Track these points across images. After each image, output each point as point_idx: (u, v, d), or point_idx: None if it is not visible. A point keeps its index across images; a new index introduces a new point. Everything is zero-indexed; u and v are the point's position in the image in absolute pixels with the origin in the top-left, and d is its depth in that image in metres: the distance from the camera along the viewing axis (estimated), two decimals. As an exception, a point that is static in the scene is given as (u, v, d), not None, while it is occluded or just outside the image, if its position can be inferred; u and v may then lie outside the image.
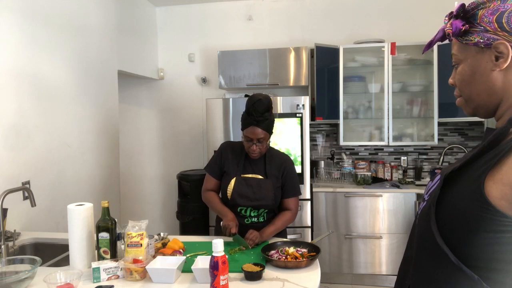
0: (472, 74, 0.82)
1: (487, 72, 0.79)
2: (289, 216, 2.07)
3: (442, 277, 0.76)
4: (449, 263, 0.73)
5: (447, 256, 0.73)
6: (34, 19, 2.38)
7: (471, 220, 0.71)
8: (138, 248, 1.57)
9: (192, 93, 4.27)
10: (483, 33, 0.78)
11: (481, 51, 0.79)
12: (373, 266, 3.43)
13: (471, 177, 0.73)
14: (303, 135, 3.34)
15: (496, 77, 0.78)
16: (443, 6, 3.79)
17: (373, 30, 3.90)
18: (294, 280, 1.49)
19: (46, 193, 2.45)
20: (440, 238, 0.75)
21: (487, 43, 0.77)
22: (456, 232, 0.74)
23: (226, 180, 2.05)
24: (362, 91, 3.82)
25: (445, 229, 0.76)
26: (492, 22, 0.76)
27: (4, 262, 1.53)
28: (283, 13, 4.06)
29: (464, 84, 0.85)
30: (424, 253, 0.81)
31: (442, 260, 0.75)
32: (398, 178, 3.81)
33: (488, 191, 0.69)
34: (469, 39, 0.80)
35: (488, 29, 0.77)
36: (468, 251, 0.72)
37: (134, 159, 4.41)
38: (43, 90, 2.46)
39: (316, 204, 3.47)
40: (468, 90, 0.84)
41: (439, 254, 0.75)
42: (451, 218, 0.75)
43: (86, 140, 2.95)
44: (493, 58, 0.77)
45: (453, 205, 0.75)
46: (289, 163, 2.12)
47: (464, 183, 0.75)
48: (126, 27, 3.59)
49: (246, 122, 1.96)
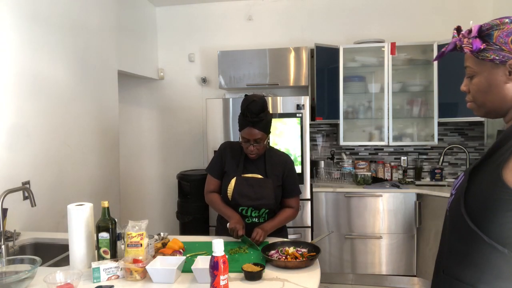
0: (489, 86, 0.98)
1: (501, 84, 0.96)
2: (291, 212, 2.08)
3: (477, 256, 0.90)
4: (482, 243, 0.88)
5: (480, 236, 0.88)
6: (34, 19, 2.38)
7: (494, 203, 0.86)
8: (138, 248, 1.57)
9: (192, 93, 4.27)
10: (499, 52, 0.93)
11: (496, 66, 0.95)
12: (373, 266, 3.43)
13: (490, 169, 0.90)
14: (303, 135, 3.34)
15: (509, 88, 0.95)
16: (443, 6, 3.80)
17: (373, 30, 3.90)
18: (294, 280, 1.49)
19: (46, 193, 2.45)
20: (471, 222, 0.90)
21: (502, 60, 0.93)
22: (483, 216, 0.88)
23: (226, 180, 2.05)
24: (362, 91, 3.82)
25: (474, 215, 0.91)
26: (508, 43, 0.92)
27: (4, 262, 1.53)
28: (283, 13, 4.06)
29: (480, 94, 1.01)
30: (458, 238, 0.96)
31: (476, 241, 0.90)
32: (398, 178, 3.81)
33: (505, 178, 0.85)
34: (485, 55, 0.95)
35: (504, 48, 0.92)
36: (494, 230, 0.87)
37: (134, 159, 4.41)
38: (43, 90, 2.46)
39: (316, 204, 3.47)
40: (483, 98, 1.00)
41: (473, 236, 0.90)
42: (478, 204, 0.90)
43: (86, 140, 2.95)
44: (507, 73, 0.94)
45: (478, 193, 0.91)
46: (290, 162, 2.12)
47: (485, 175, 0.91)
48: (126, 27, 3.59)
49: (242, 123, 1.95)
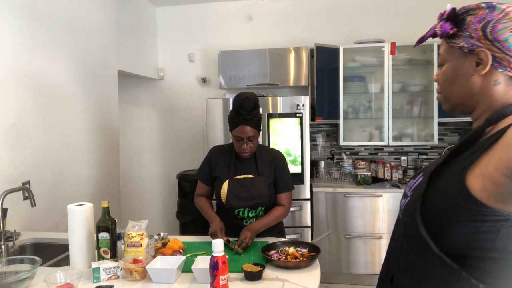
0: (454, 76, 0.88)
1: (467, 76, 0.85)
2: (282, 211, 2.04)
3: (425, 266, 0.80)
4: (431, 253, 0.78)
5: (429, 246, 0.78)
6: (34, 19, 2.38)
7: (454, 211, 0.76)
8: (138, 248, 1.57)
9: (192, 93, 4.27)
10: (468, 39, 0.83)
11: (465, 55, 0.84)
12: (373, 266, 3.43)
13: (453, 172, 0.79)
14: (303, 135, 3.34)
15: (474, 81, 0.84)
16: (443, 6, 3.79)
17: (373, 30, 3.90)
18: (294, 280, 1.49)
19: (46, 193, 2.45)
20: (424, 230, 0.80)
21: (471, 48, 0.83)
22: (440, 224, 0.78)
23: (219, 185, 2.03)
24: (362, 91, 3.82)
25: (429, 222, 0.80)
26: (477, 29, 0.81)
27: (4, 262, 1.53)
28: (283, 13, 4.06)
29: (445, 84, 0.91)
30: (409, 245, 0.86)
31: (425, 251, 0.79)
32: (398, 178, 3.81)
33: (469, 184, 0.74)
34: (456, 42, 0.86)
35: (473, 35, 0.82)
36: (451, 240, 0.77)
37: (134, 159, 4.41)
38: (43, 90, 2.46)
39: (316, 204, 3.47)
40: (448, 89, 0.90)
41: (423, 245, 0.80)
42: (436, 210, 0.80)
43: (86, 140, 2.95)
44: (474, 64, 0.83)
45: (438, 198, 0.80)
46: (280, 158, 2.10)
47: (447, 178, 0.80)
48: (126, 27, 3.59)
49: (234, 122, 1.94)
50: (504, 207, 0.71)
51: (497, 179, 0.70)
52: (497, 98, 0.82)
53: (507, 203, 0.71)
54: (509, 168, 0.68)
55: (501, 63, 0.80)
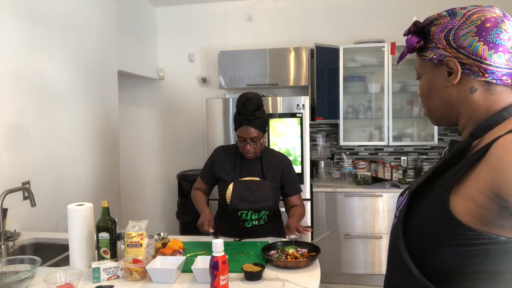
0: (429, 89, 0.86)
1: (442, 87, 0.83)
2: (301, 209, 2.08)
3: None
4: (414, 279, 0.75)
5: (412, 272, 0.75)
6: (34, 19, 2.38)
7: (438, 235, 0.73)
8: (138, 248, 1.57)
9: (192, 93, 4.27)
10: (436, 50, 0.81)
11: (436, 67, 0.83)
12: (373, 266, 3.43)
13: (436, 193, 0.75)
14: (303, 135, 3.34)
15: (450, 92, 0.82)
16: (443, 6, 3.79)
17: (373, 30, 3.90)
18: (294, 280, 1.49)
19: (46, 193, 2.45)
20: (407, 254, 0.77)
21: (440, 59, 0.81)
22: (424, 248, 0.75)
23: (224, 186, 2.02)
24: (362, 91, 3.82)
25: (413, 246, 0.77)
26: (441, 39, 0.80)
27: (4, 262, 1.53)
28: (283, 13, 4.06)
29: (424, 98, 0.89)
30: (394, 268, 0.84)
31: (408, 276, 0.76)
32: (398, 178, 3.81)
33: (453, 206, 0.70)
34: (425, 55, 0.84)
35: (439, 46, 0.80)
36: (435, 265, 0.74)
37: (134, 159, 4.41)
38: (43, 90, 2.46)
39: (316, 204, 3.47)
40: (428, 103, 0.88)
41: (406, 270, 0.77)
42: (419, 234, 0.77)
43: (86, 140, 2.95)
44: (446, 74, 0.81)
45: (421, 221, 0.77)
46: (287, 162, 2.10)
47: (430, 200, 0.77)
48: (126, 27, 3.59)
49: (238, 122, 1.94)
50: (491, 230, 0.67)
51: (482, 201, 0.66)
52: (477, 106, 0.79)
53: (493, 226, 0.67)
54: (493, 191, 0.64)
55: (471, 69, 0.77)
